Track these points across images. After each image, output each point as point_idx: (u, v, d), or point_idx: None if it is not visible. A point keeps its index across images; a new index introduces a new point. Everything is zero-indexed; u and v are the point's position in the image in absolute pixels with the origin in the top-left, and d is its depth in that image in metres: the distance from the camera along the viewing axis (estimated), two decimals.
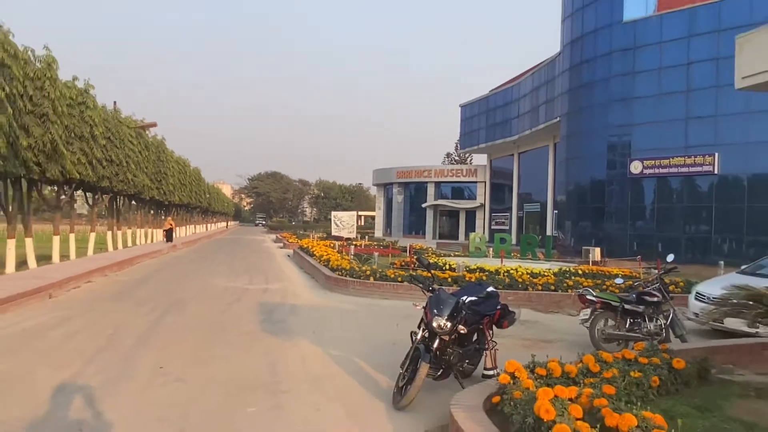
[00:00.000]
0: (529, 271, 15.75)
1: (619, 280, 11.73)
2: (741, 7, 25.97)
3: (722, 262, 19.96)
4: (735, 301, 5.77)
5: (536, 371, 5.01)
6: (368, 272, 15.70)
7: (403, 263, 18.71)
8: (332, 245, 27.01)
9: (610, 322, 8.66)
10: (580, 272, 16.94)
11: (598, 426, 3.64)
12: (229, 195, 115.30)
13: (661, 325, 8.55)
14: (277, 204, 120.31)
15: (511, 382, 4.57)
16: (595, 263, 24.39)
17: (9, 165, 13.55)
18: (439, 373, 5.81)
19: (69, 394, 5.80)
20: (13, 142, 13.49)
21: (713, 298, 9.31)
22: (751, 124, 25.86)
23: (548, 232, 37.84)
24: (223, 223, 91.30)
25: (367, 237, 47.12)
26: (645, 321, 8.57)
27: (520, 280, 14.49)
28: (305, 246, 26.87)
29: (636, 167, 29.52)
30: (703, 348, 7.42)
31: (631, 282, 10.86)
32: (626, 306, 8.59)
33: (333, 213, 48.27)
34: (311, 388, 6.21)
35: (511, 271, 15.88)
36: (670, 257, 10.27)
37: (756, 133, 25.73)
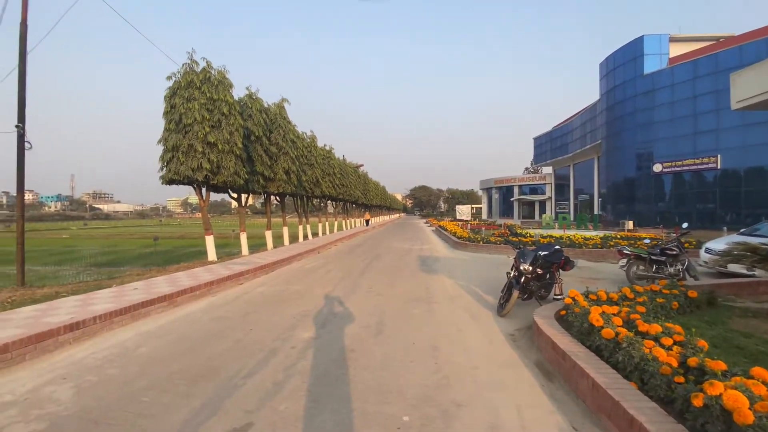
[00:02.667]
0: (582, 237, 14.24)
1: (646, 241, 10.17)
2: (732, 55, 21.35)
3: (725, 228, 16.68)
4: (736, 252, 4.85)
5: (589, 296, 4.66)
6: (478, 239, 15.27)
7: (499, 234, 17.92)
8: (457, 224, 26.63)
9: (641, 267, 7.51)
10: (618, 236, 14.91)
11: (634, 331, 3.35)
12: (400, 199, 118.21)
13: (679, 269, 7.25)
14: (425, 202, 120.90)
15: (573, 302, 4.32)
16: (629, 231, 21.26)
17: (298, 189, 15.30)
18: (525, 297, 5.62)
19: (329, 299, 6.52)
20: (299, 178, 15.22)
21: (718, 251, 7.88)
22: (746, 133, 21.11)
23: (595, 212, 33.73)
24: (397, 215, 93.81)
25: (477, 219, 45.59)
26: (666, 266, 7.32)
27: (576, 241, 13.13)
28: (442, 225, 26.81)
29: (657, 168, 25.70)
30: (711, 284, 6.27)
31: (655, 242, 9.35)
32: (652, 257, 7.39)
33: (457, 206, 47.55)
34: (448, 302, 6.29)
35: (571, 237, 14.43)
36: (685, 225, 8.83)
37: (750, 139, 20.99)
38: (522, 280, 5.34)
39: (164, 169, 9.77)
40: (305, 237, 18.35)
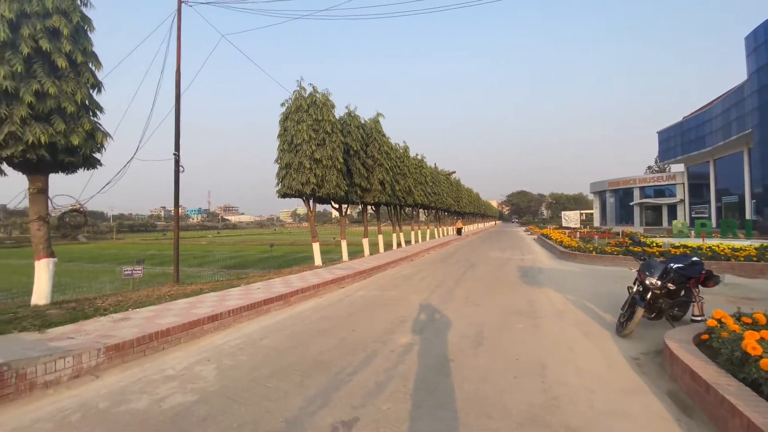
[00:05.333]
0: (730, 247, 11.66)
1: None
2: None
3: None
4: None
5: (742, 319, 3.81)
6: (591, 248, 13.65)
7: (617, 243, 15.78)
8: (563, 233, 24.28)
9: None
10: None
11: None
12: (495, 206, 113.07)
13: None
14: (525, 209, 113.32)
15: (719, 325, 3.60)
16: None
17: (392, 199, 15.80)
18: (652, 316, 4.86)
19: (425, 306, 6.55)
20: (393, 188, 15.73)
21: None
22: None
23: (746, 217, 27.13)
24: (492, 222, 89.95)
25: (587, 227, 40.83)
26: None
27: (722, 253, 10.75)
28: (545, 233, 24.72)
29: None
30: None
31: None
32: None
33: (563, 213, 43.61)
34: (556, 317, 5.78)
35: (713, 247, 11.88)
36: None
37: None
38: (648, 296, 4.61)
39: (279, 184, 11.08)
40: (398, 245, 18.79)
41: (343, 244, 13.22)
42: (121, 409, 3.05)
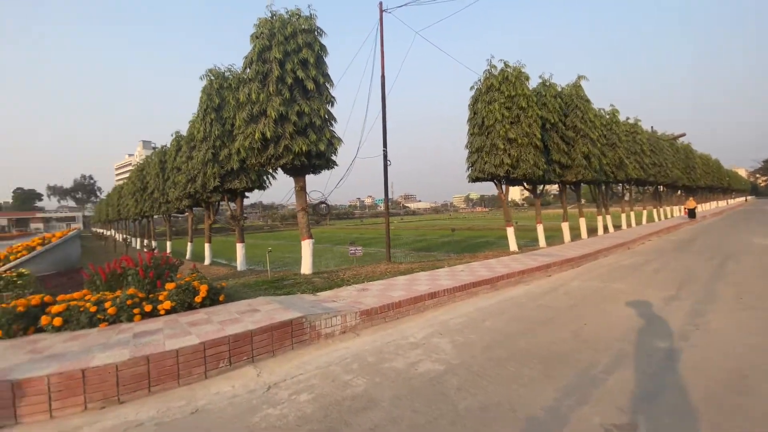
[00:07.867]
0: None
1: None
2: None
3: None
4: None
5: None
6: None
7: None
8: None
9: None
10: None
11: None
12: (744, 176, 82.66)
13: None
14: None
15: None
16: None
17: (599, 175, 13.53)
18: None
19: (675, 306, 5.32)
20: (600, 162, 13.30)
21: None
22: None
23: None
24: (742, 198, 66.33)
25: None
26: None
27: None
28: None
29: None
30: None
31: None
32: None
33: None
34: None
35: None
36: None
37: None
38: None
39: (470, 169, 11.12)
40: (605, 229, 16.07)
41: (540, 228, 12.26)
42: (385, 366, 3.64)
